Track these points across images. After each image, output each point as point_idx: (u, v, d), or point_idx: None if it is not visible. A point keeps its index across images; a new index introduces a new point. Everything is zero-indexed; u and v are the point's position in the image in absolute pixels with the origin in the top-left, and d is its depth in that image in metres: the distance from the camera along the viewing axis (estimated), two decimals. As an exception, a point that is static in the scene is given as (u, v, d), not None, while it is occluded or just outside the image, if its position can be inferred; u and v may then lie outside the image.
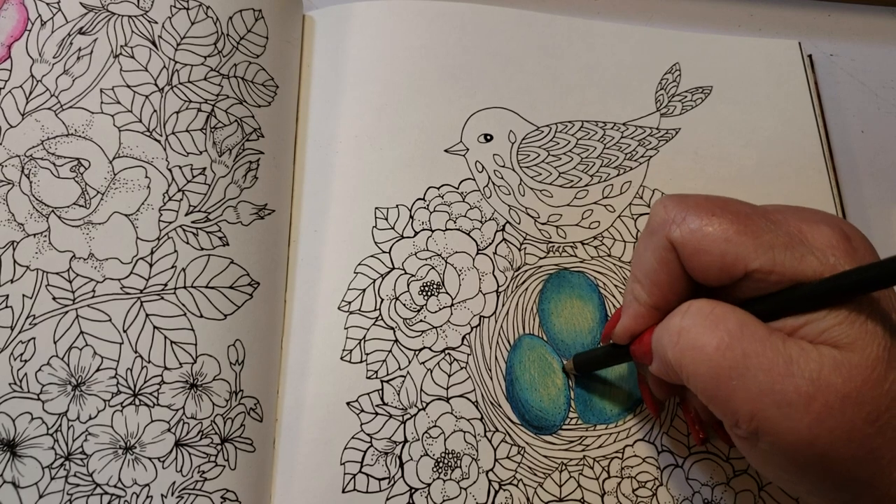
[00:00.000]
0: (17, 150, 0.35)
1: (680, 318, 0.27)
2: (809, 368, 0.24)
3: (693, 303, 0.27)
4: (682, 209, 0.27)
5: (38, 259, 0.34)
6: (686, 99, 0.43)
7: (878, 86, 0.47)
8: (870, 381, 0.23)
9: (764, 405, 0.24)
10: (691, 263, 0.27)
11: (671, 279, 0.28)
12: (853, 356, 0.24)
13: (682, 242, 0.27)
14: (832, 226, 0.26)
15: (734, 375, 0.25)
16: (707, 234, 0.26)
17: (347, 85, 0.41)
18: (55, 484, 0.32)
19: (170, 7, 0.38)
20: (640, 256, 0.29)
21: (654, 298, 0.29)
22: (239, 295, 0.35)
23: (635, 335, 0.30)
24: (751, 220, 0.26)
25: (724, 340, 0.25)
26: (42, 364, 0.33)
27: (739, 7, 0.49)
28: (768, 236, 0.26)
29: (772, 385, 0.24)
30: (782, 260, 0.25)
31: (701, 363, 0.25)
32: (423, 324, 0.37)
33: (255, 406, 0.34)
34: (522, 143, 0.41)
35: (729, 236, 0.26)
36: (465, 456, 0.35)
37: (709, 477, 0.36)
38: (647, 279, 0.29)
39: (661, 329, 0.28)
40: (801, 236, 0.26)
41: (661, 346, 0.27)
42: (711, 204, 0.27)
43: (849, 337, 0.24)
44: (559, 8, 0.46)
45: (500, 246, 0.39)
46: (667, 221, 0.27)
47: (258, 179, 0.38)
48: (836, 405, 0.23)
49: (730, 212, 0.26)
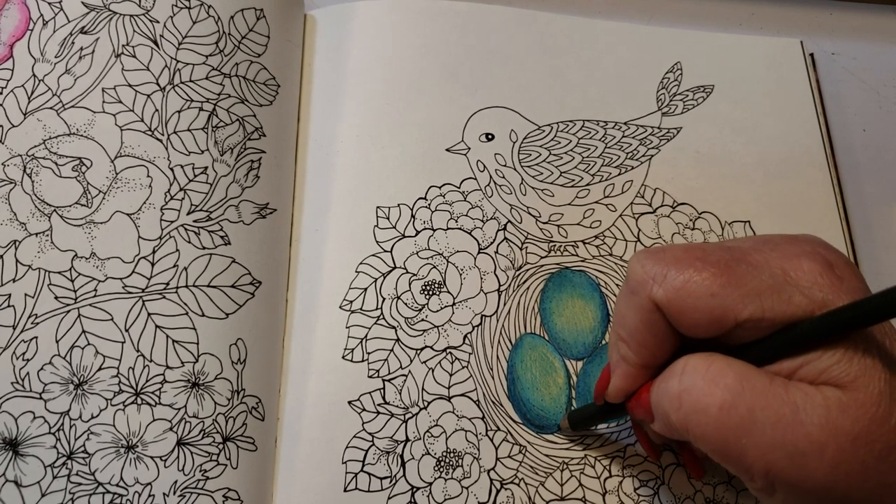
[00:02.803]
0: (19, 149, 0.35)
1: (678, 382, 0.26)
2: (817, 414, 0.23)
3: (689, 360, 0.26)
4: (662, 266, 0.26)
5: (39, 258, 0.34)
6: (687, 98, 0.43)
7: (879, 84, 0.47)
8: (877, 419, 0.23)
9: (777, 458, 0.24)
10: (679, 322, 0.26)
11: (658, 338, 0.27)
12: (857, 395, 0.23)
13: (666, 303, 0.26)
14: (813, 258, 0.25)
15: (742, 434, 0.24)
16: (691, 291, 0.25)
17: (349, 84, 0.41)
18: (57, 483, 0.32)
19: (171, 6, 0.38)
20: (622, 315, 0.28)
21: (642, 358, 0.28)
22: (241, 294, 0.35)
23: (629, 394, 0.29)
24: (732, 269, 0.25)
25: (726, 400, 0.24)
26: (44, 363, 0.33)
27: (741, 6, 0.49)
28: (753, 283, 0.25)
29: (782, 437, 0.23)
30: (771, 305, 0.24)
31: (707, 426, 0.25)
32: (424, 323, 0.37)
33: (256, 405, 0.34)
34: (524, 143, 0.41)
35: (714, 291, 0.25)
36: (467, 455, 0.35)
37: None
38: (632, 339, 0.28)
39: (661, 392, 0.27)
40: (784, 276, 0.25)
41: (662, 411, 0.27)
42: (690, 256, 0.26)
43: (849, 375, 0.23)
44: (560, 7, 0.46)
45: (501, 245, 0.39)
46: (646, 281, 0.26)
47: (260, 178, 0.38)
48: (848, 448, 0.23)
49: (710, 263, 0.26)
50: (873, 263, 0.42)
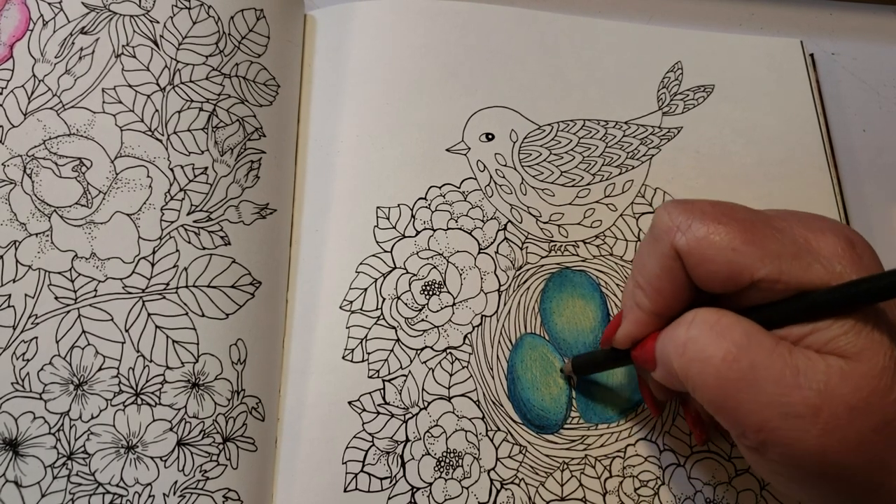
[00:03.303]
0: (19, 149, 0.35)
1: (686, 329, 0.26)
2: (817, 379, 0.23)
3: (698, 312, 0.27)
4: (688, 216, 0.27)
5: (40, 259, 0.34)
6: (688, 97, 0.43)
7: (879, 84, 0.47)
8: (877, 391, 0.23)
9: (771, 416, 0.24)
10: (697, 272, 0.27)
11: (675, 287, 0.28)
12: (860, 366, 0.23)
13: (687, 251, 0.26)
14: (837, 233, 0.26)
15: (742, 387, 0.24)
16: (713, 242, 0.26)
17: (349, 84, 0.41)
18: (57, 483, 0.32)
19: (171, 7, 0.38)
20: (642, 262, 0.29)
21: (656, 305, 0.28)
22: (241, 294, 0.35)
23: (637, 341, 0.30)
24: (756, 229, 0.26)
25: (731, 352, 0.25)
26: (44, 363, 0.33)
27: (741, 5, 0.49)
28: (774, 245, 0.25)
29: (780, 397, 0.24)
30: (788, 269, 0.25)
31: (708, 375, 0.25)
32: (424, 323, 0.37)
33: (256, 405, 0.34)
34: (524, 142, 0.41)
35: (735, 245, 0.25)
36: (467, 455, 0.35)
37: (711, 476, 0.36)
38: (649, 286, 0.28)
39: (666, 339, 0.27)
40: (806, 244, 0.25)
41: (666, 356, 0.27)
42: (717, 211, 0.26)
43: (855, 346, 0.24)
44: (560, 6, 0.46)
45: (501, 245, 0.39)
46: (671, 228, 0.27)
47: (260, 179, 0.38)
48: (844, 416, 0.23)
49: (736, 220, 0.26)
50: (874, 263, 0.42)
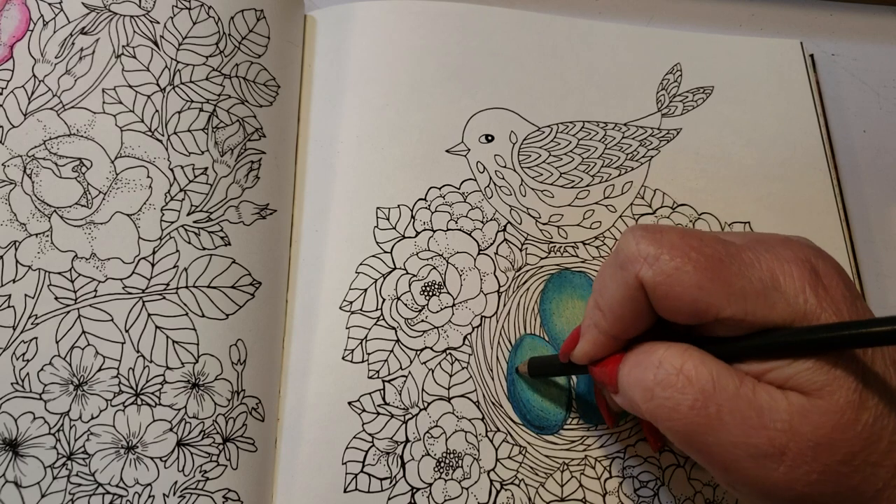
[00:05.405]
0: (19, 149, 0.35)
1: (653, 375, 0.26)
2: (781, 419, 0.24)
3: (665, 355, 0.26)
4: (657, 247, 0.26)
5: (40, 259, 0.34)
6: (687, 99, 0.43)
7: (879, 85, 0.47)
8: (839, 427, 0.23)
9: (738, 456, 0.24)
10: (660, 305, 0.26)
11: (636, 315, 0.27)
12: (821, 403, 0.24)
13: (653, 285, 0.26)
14: (801, 264, 0.26)
15: (708, 431, 0.25)
16: (680, 280, 0.25)
17: (349, 85, 0.42)
18: (57, 483, 0.32)
19: (171, 7, 0.38)
20: (604, 286, 0.28)
21: (614, 330, 0.28)
22: (241, 294, 0.35)
23: (594, 361, 0.30)
24: (724, 266, 0.25)
25: (698, 400, 0.25)
26: (44, 364, 0.33)
27: (740, 6, 0.49)
28: (741, 283, 0.25)
29: (745, 437, 0.24)
30: (754, 309, 0.25)
31: (675, 421, 0.25)
32: (424, 324, 0.37)
33: (256, 406, 0.34)
34: (523, 144, 0.41)
35: (702, 284, 0.25)
36: (467, 456, 0.35)
37: (710, 477, 0.36)
38: (610, 311, 0.28)
39: (633, 381, 0.27)
40: (773, 280, 0.25)
41: (631, 396, 0.27)
42: (685, 244, 0.26)
43: (816, 383, 0.24)
44: (560, 8, 0.46)
45: (501, 246, 0.39)
46: (637, 259, 0.26)
47: (260, 179, 0.38)
48: (808, 453, 0.23)
49: (704, 255, 0.26)
50: (873, 264, 0.42)
